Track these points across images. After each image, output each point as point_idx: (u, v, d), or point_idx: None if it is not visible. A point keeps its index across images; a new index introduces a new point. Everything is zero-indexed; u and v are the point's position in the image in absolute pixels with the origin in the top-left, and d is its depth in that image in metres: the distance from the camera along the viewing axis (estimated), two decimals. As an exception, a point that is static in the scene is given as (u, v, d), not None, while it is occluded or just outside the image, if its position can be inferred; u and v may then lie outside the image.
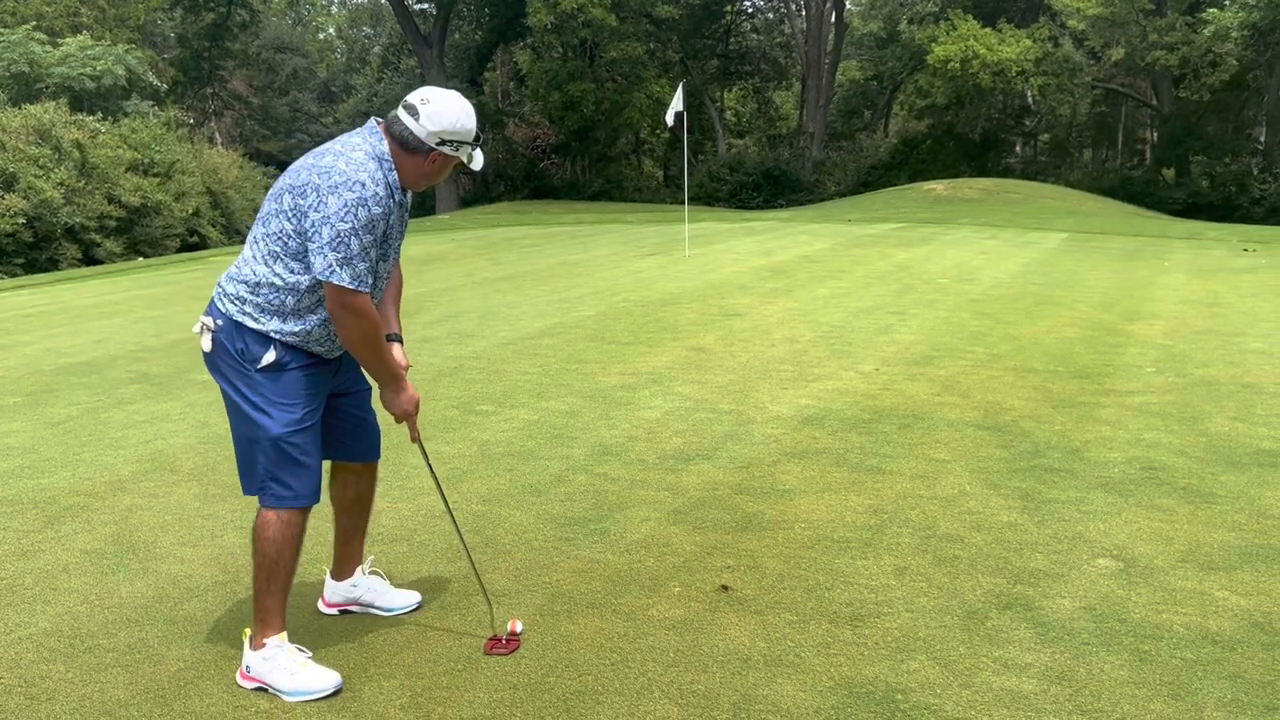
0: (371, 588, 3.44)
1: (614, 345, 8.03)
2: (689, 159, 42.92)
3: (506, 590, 3.58)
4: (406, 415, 3.16)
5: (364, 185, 2.81)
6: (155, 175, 24.57)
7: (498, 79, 49.80)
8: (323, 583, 3.50)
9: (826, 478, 4.77)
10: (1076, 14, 33.48)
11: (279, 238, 2.88)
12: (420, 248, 17.42)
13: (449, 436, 5.52)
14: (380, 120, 2.97)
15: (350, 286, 2.82)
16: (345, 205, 2.78)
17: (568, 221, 24.06)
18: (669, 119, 14.68)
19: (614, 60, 34.94)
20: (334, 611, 3.45)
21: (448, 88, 3.04)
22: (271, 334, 2.92)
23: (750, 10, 48.75)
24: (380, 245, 2.94)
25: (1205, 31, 29.64)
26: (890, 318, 9.11)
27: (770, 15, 49.33)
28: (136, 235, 23.32)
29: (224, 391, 3.01)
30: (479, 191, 43.64)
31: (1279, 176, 36.08)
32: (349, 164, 2.83)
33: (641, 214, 27.01)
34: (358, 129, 2.99)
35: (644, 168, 50.79)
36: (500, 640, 3.18)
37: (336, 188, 2.78)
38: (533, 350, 7.87)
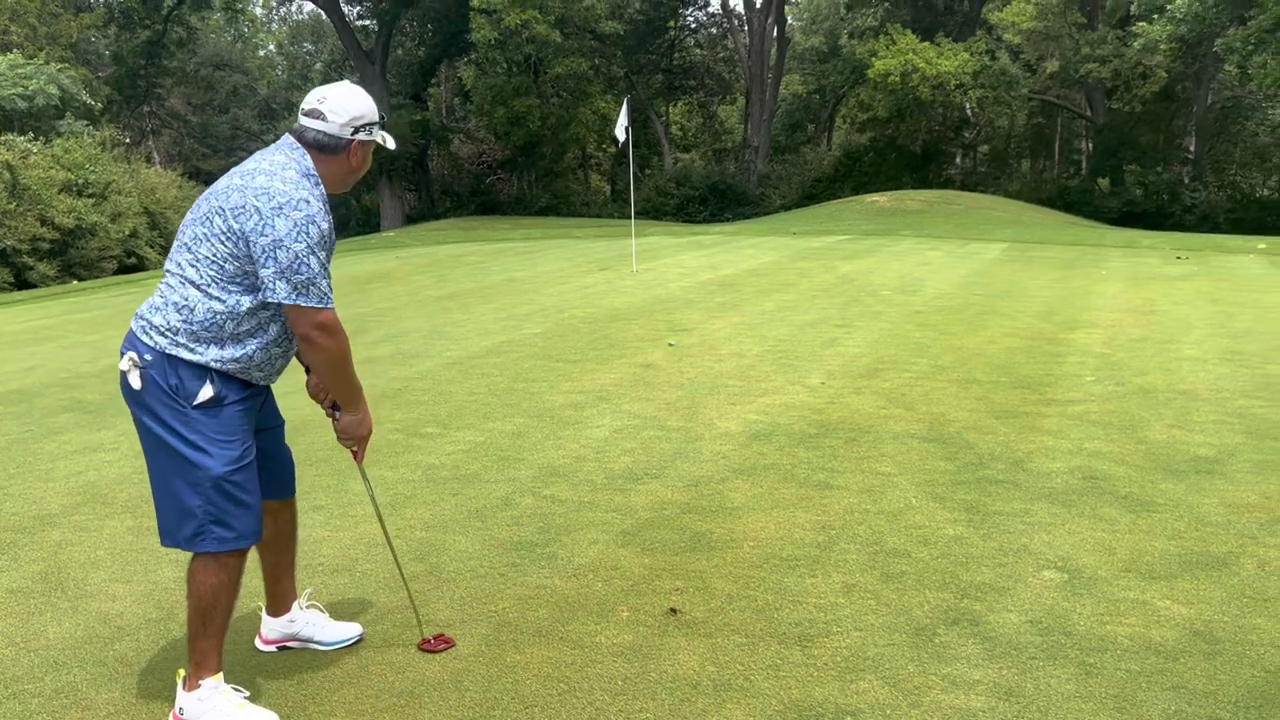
0: (310, 622, 3.34)
1: (561, 363, 7.97)
2: (636, 173, 43.06)
3: (451, 620, 3.50)
4: (363, 441, 3.14)
5: (308, 203, 2.76)
6: (90, 196, 24.04)
7: (442, 95, 49.57)
8: (259, 618, 3.40)
9: (775, 494, 4.76)
10: (1012, 28, 34.23)
11: (213, 261, 2.78)
12: (364, 266, 17.22)
13: (392, 460, 5.42)
14: (293, 136, 2.92)
15: (318, 305, 2.79)
16: (295, 225, 2.72)
17: (515, 238, 23.95)
18: (619, 134, 14.65)
19: (559, 76, 34.94)
20: (272, 648, 3.34)
21: (390, 103, 3.04)
22: (211, 363, 2.81)
23: (693, 25, 49.05)
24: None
25: (1135, 44, 30.40)
26: (835, 331, 9.16)
27: (713, 30, 49.67)
28: (71, 258, 22.80)
29: (151, 433, 2.84)
30: (425, 208, 43.35)
31: (1209, 185, 37.14)
32: (286, 183, 2.77)
33: (589, 229, 26.98)
34: (275, 146, 2.92)
35: (591, 182, 50.82)
36: (429, 641, 3.32)
37: (281, 209, 2.72)
38: (479, 370, 7.79)
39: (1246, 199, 37.44)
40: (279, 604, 3.32)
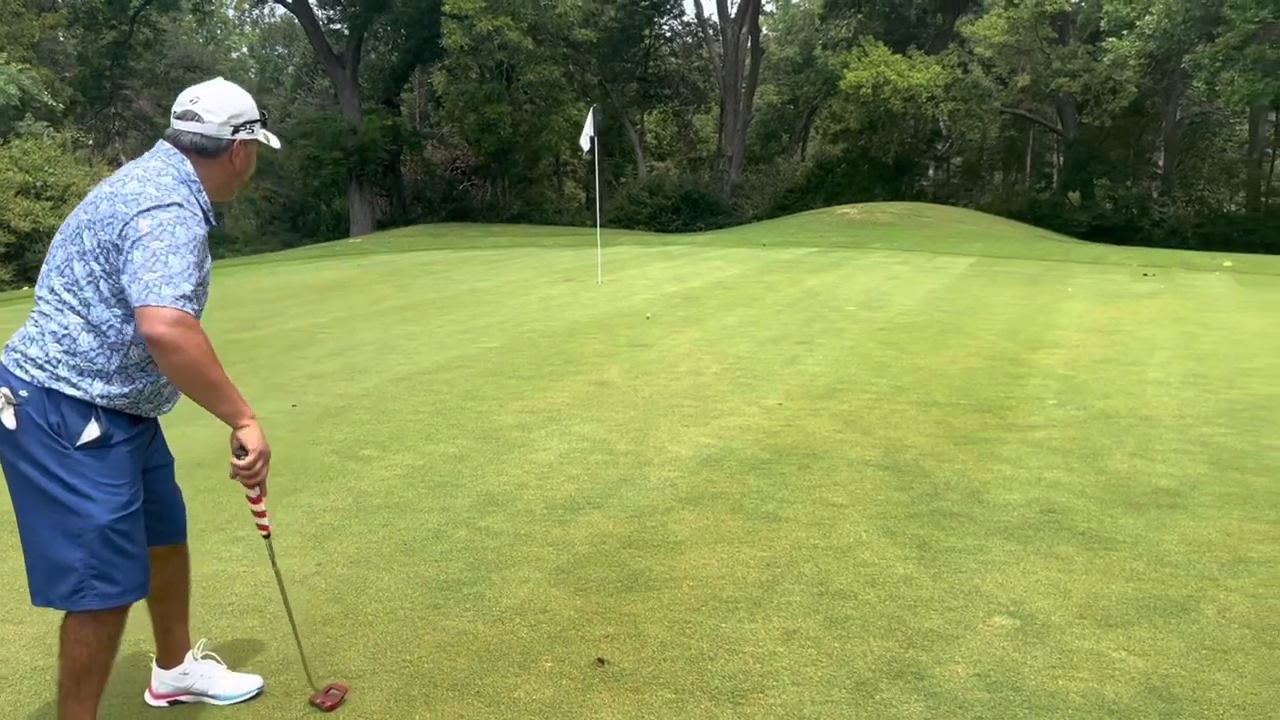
0: (204, 674, 3.09)
1: (514, 380, 7.74)
2: (609, 181, 42.88)
3: (361, 670, 3.26)
4: (264, 459, 2.68)
5: (180, 206, 2.54)
6: (48, 199, 23.55)
7: (415, 100, 49.18)
8: (149, 668, 3.14)
9: (720, 527, 4.54)
10: (984, 41, 34.32)
11: (89, 282, 2.53)
12: (324, 274, 16.90)
13: (323, 487, 5.16)
14: (168, 142, 2.69)
15: (173, 307, 2.41)
16: (159, 224, 2.47)
17: (484, 245, 23.66)
18: (584, 143, 14.52)
19: (531, 83, 34.69)
20: (162, 703, 3.09)
21: (361, 109, 2.79)
22: (97, 399, 2.56)
23: (668, 34, 48.93)
24: (200, 278, 2.58)
25: (1105, 59, 30.56)
26: (796, 348, 8.97)
27: (688, 39, 49.59)
28: (27, 261, 22.29)
29: (25, 478, 2.56)
30: (396, 213, 42.92)
31: (1178, 200, 37.44)
32: (160, 189, 2.55)
33: (559, 237, 26.75)
34: (150, 153, 2.69)
35: (565, 190, 50.60)
36: (319, 695, 3.07)
37: (147, 210, 2.48)
38: (428, 386, 7.54)
39: (1214, 214, 37.75)
40: (170, 655, 3.07)
